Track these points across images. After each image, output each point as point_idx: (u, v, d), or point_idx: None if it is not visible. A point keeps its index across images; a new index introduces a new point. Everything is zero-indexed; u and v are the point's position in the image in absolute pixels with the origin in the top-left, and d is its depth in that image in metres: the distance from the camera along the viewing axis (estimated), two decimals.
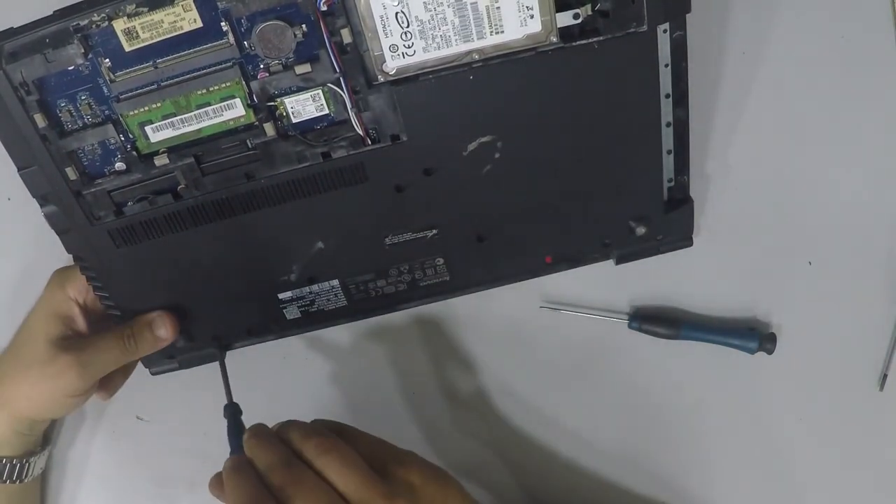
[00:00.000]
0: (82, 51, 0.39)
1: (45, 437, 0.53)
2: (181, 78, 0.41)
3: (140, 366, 0.51)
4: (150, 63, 0.40)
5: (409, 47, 0.40)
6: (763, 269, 0.53)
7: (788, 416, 0.55)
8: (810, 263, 0.53)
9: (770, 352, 0.52)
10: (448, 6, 0.39)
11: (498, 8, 0.39)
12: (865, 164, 0.52)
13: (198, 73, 0.41)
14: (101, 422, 0.57)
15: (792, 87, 0.51)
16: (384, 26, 0.39)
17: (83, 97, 0.41)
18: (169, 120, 0.42)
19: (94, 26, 0.39)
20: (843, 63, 0.51)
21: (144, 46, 0.40)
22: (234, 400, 0.48)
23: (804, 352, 0.54)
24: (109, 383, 0.51)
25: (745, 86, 0.51)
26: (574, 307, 0.54)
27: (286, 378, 0.55)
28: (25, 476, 0.50)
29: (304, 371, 0.55)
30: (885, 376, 0.54)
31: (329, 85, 0.41)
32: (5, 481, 0.49)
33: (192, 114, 0.42)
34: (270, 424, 0.43)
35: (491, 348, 0.55)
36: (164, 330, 0.48)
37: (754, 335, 0.52)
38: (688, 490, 0.55)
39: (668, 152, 0.46)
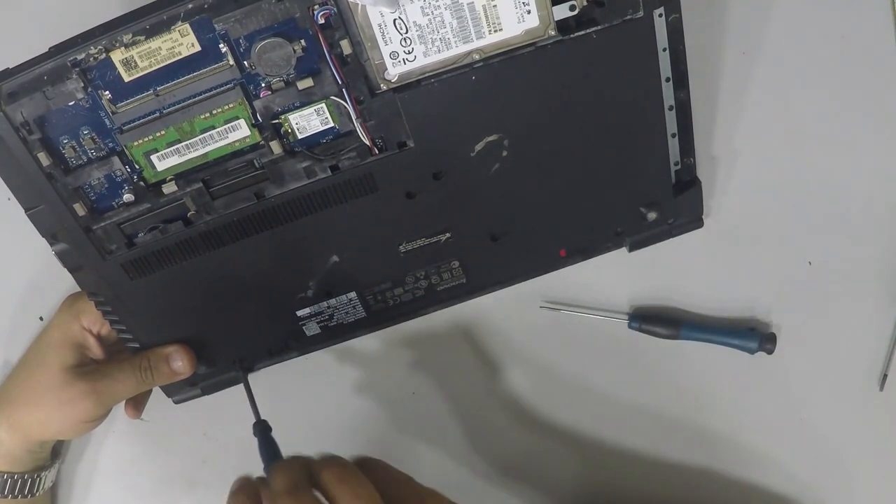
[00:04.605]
0: (82, 85, 0.39)
1: (55, 451, 0.54)
2: (183, 103, 0.40)
3: None
4: (151, 91, 0.40)
5: (409, 53, 0.40)
6: (763, 269, 0.53)
7: (788, 416, 0.55)
8: (810, 263, 0.53)
9: (770, 352, 0.52)
10: (445, 8, 0.39)
11: (495, 6, 0.39)
12: (865, 163, 0.52)
13: (200, 97, 0.40)
14: (102, 422, 0.56)
15: (791, 88, 0.51)
16: (383, 34, 0.39)
17: (86, 131, 0.41)
18: (174, 147, 0.41)
19: (91, 59, 0.39)
20: (842, 63, 0.51)
21: (144, 75, 0.40)
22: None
23: (804, 352, 0.54)
24: (138, 404, 0.51)
25: (743, 88, 0.51)
26: (574, 307, 0.54)
27: (293, 386, 0.55)
28: (37, 490, 0.50)
29: (304, 373, 0.55)
30: (885, 376, 0.54)
31: (332, 98, 0.41)
32: (17, 496, 0.49)
33: (197, 138, 0.41)
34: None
35: (491, 348, 0.55)
36: (180, 363, 0.48)
37: (754, 335, 0.52)
38: (687, 490, 0.55)
39: (673, 135, 0.46)
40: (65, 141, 0.41)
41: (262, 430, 0.45)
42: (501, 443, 0.56)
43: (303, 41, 0.39)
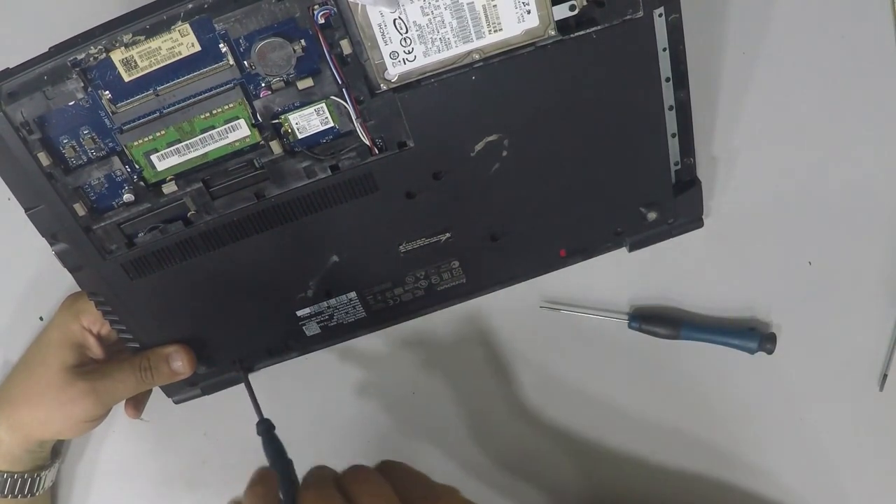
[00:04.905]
0: (82, 85, 0.39)
1: (55, 451, 0.54)
2: (183, 103, 0.40)
3: None
4: (151, 91, 0.40)
5: (409, 53, 0.40)
6: (763, 269, 0.53)
7: (788, 416, 0.55)
8: (810, 263, 0.53)
9: (770, 352, 0.52)
10: (445, 8, 0.39)
11: (495, 6, 0.39)
12: (865, 163, 0.52)
13: (200, 97, 0.40)
14: (102, 422, 0.56)
15: (791, 88, 0.51)
16: (383, 34, 0.39)
17: (86, 131, 0.41)
18: (174, 147, 0.41)
19: (91, 59, 0.39)
20: (842, 63, 0.51)
21: (144, 75, 0.40)
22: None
23: (804, 352, 0.54)
24: (138, 403, 0.52)
25: (742, 88, 0.51)
26: (574, 307, 0.54)
27: (293, 386, 0.55)
28: (37, 490, 0.50)
29: (304, 373, 0.55)
30: (885, 376, 0.54)
31: (332, 98, 0.41)
32: (17, 496, 0.49)
33: (196, 138, 0.41)
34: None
35: (491, 348, 0.55)
36: (180, 363, 0.48)
37: (754, 335, 0.52)
38: (686, 488, 0.55)
39: (673, 135, 0.46)
40: (65, 141, 0.41)
41: (266, 428, 0.45)
42: (501, 443, 0.56)
43: (303, 41, 0.39)
